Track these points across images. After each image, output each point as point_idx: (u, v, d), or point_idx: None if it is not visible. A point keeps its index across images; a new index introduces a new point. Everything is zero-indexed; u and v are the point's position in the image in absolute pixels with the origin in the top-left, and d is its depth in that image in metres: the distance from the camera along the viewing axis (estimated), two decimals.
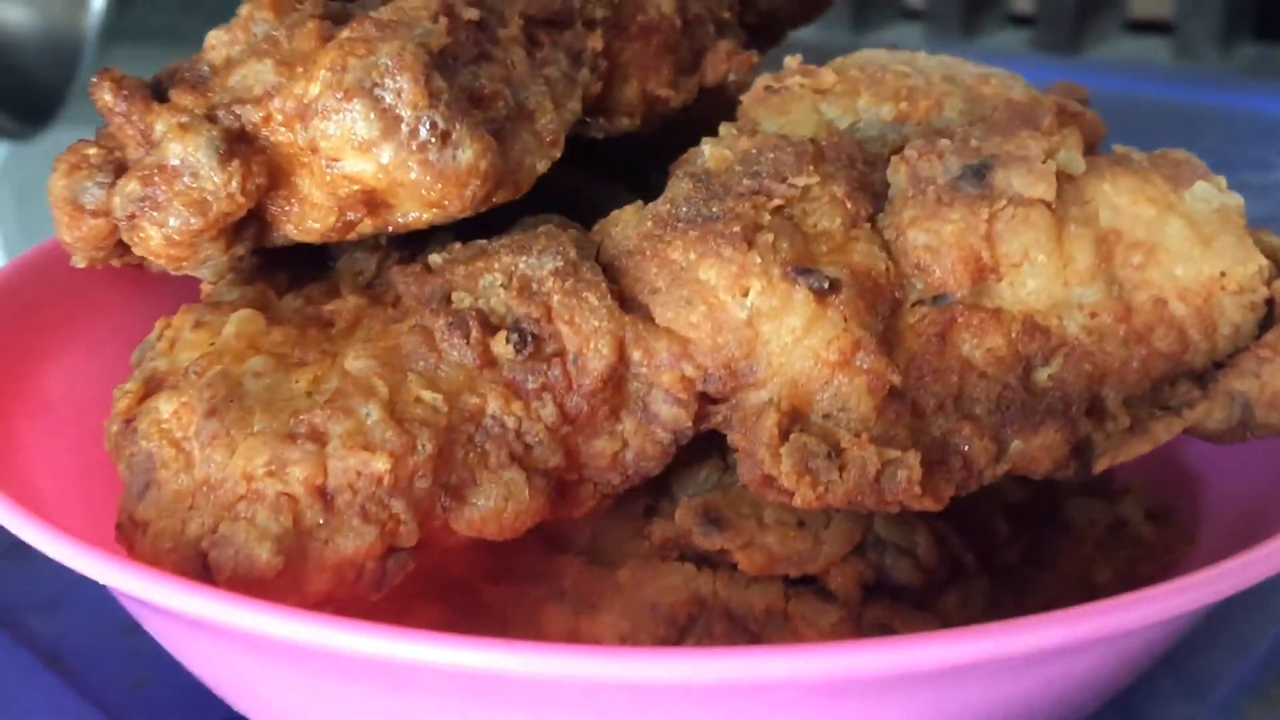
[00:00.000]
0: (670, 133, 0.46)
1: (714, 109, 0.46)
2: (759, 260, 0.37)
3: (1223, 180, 0.41)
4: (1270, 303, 0.40)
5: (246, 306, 0.41)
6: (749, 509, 0.40)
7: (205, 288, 0.43)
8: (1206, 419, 0.38)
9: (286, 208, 0.39)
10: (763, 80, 0.46)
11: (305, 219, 0.39)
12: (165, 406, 0.36)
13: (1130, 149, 0.42)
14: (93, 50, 1.92)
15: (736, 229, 0.38)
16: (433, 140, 0.36)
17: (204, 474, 0.35)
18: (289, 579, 0.34)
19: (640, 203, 0.41)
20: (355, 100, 0.36)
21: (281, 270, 0.43)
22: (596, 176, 0.53)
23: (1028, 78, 0.45)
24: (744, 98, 0.46)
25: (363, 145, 0.36)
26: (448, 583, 0.41)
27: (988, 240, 0.38)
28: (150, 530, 0.35)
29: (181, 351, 0.39)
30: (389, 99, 0.36)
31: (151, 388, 0.38)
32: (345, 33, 0.37)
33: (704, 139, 0.43)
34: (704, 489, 0.41)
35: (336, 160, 0.37)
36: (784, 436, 0.36)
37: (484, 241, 0.41)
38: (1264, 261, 0.39)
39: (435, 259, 0.40)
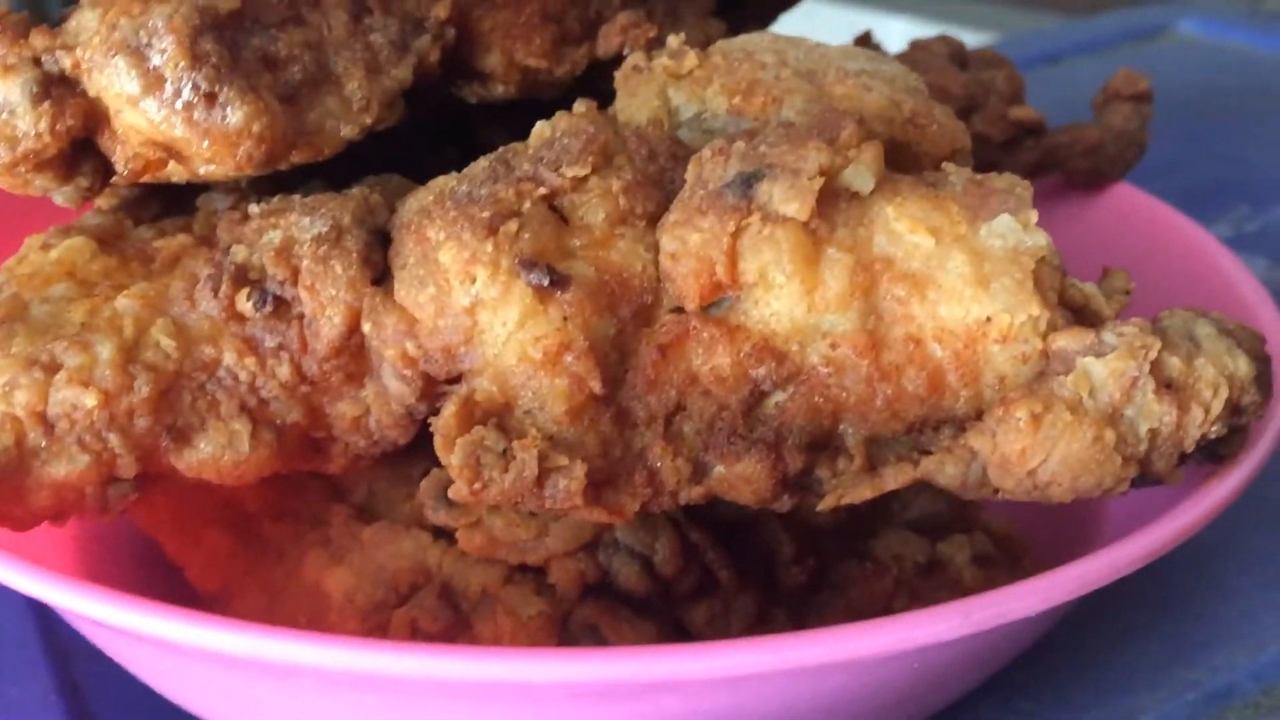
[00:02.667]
0: None
1: None
2: (490, 249, 0.37)
3: (1032, 215, 0.37)
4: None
5: (97, 234, 0.44)
6: None
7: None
8: (938, 471, 0.36)
9: (111, 146, 0.42)
10: (633, 58, 0.45)
11: (124, 158, 0.41)
12: None
13: (956, 169, 0.39)
14: None
15: (486, 215, 0.38)
16: (197, 101, 0.38)
17: None
18: (10, 491, 0.37)
19: (452, 174, 0.42)
20: (119, 57, 0.38)
21: (154, 201, 0.46)
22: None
23: (1270, 43, 0.41)
24: (616, 73, 0.45)
25: (131, 100, 0.38)
26: (237, 514, 0.44)
27: (728, 254, 0.36)
28: None
29: (19, 268, 0.43)
30: (156, 59, 0.38)
31: None
32: None
33: (556, 113, 0.43)
34: None
35: (120, 111, 0.39)
36: (466, 427, 0.36)
37: (296, 197, 0.42)
38: (1039, 311, 0.35)
39: (253, 208, 0.42)
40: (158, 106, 0.38)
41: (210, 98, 0.38)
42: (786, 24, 0.62)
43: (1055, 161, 0.60)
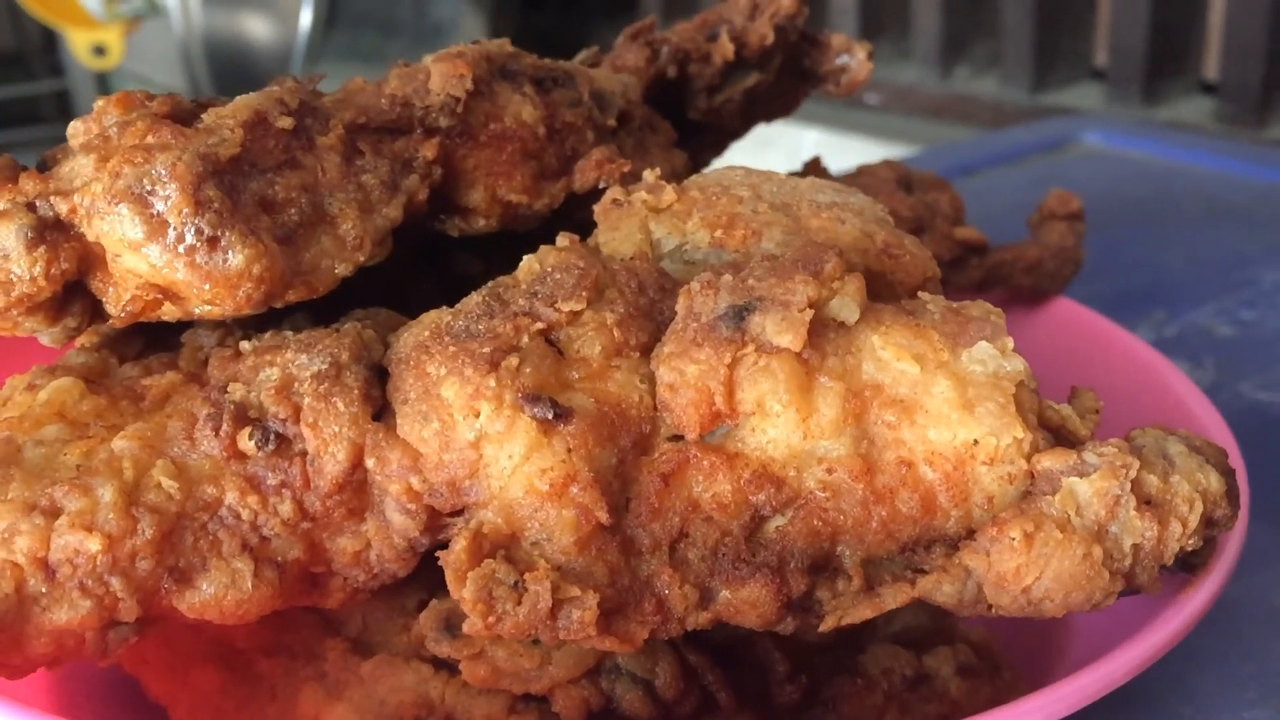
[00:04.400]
0: None
1: None
2: (493, 384, 0.38)
3: (1009, 342, 0.39)
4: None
5: (83, 373, 0.44)
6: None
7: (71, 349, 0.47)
8: (935, 591, 0.37)
9: (103, 288, 0.42)
10: (612, 192, 0.47)
11: (118, 300, 0.42)
12: None
13: (933, 298, 0.41)
14: (299, 64, 2.06)
15: (486, 350, 0.39)
16: (199, 245, 0.39)
17: None
18: (7, 639, 0.37)
19: (445, 309, 0.43)
20: (123, 204, 0.39)
21: (138, 338, 0.47)
22: (501, 264, 0.55)
23: (1169, 153, 0.43)
24: (595, 207, 0.47)
25: (133, 245, 0.39)
26: (228, 650, 0.44)
27: (726, 385, 0.38)
28: None
29: (5, 411, 0.43)
30: (159, 205, 0.39)
31: None
32: (149, 137, 0.40)
33: (541, 248, 0.44)
34: None
35: (119, 256, 0.40)
36: (477, 560, 0.37)
37: (289, 333, 0.43)
38: (1023, 434, 0.37)
39: (245, 345, 0.43)
40: (160, 251, 0.39)
41: (212, 242, 0.39)
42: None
43: (998, 278, 0.63)
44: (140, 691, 0.47)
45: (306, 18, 1.94)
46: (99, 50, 2.46)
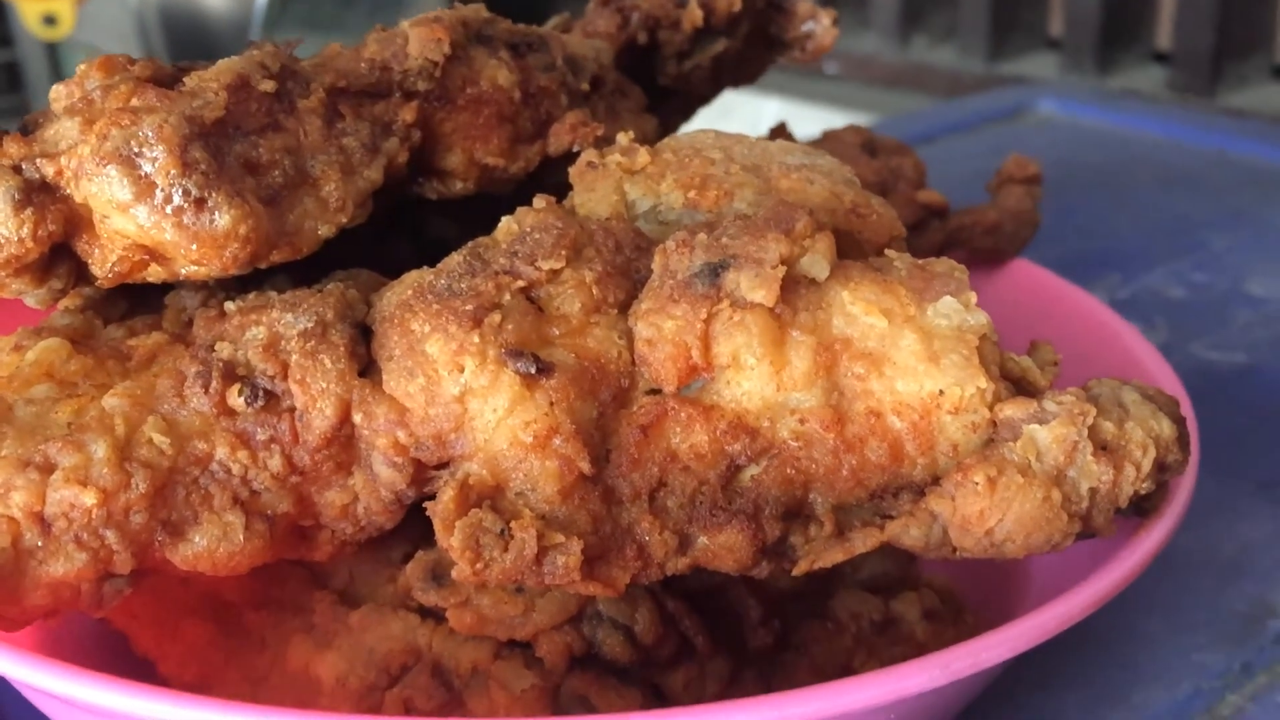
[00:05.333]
0: None
1: None
2: (477, 340, 0.40)
3: (972, 296, 0.41)
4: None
5: (68, 335, 0.45)
6: None
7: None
8: (903, 534, 0.39)
9: (89, 250, 0.43)
10: (587, 154, 0.48)
11: (104, 261, 0.43)
12: None
13: (899, 255, 0.42)
14: (257, 34, 2.04)
15: (469, 307, 0.40)
16: (186, 206, 0.40)
17: None
18: (6, 592, 0.38)
19: (426, 269, 0.44)
20: (111, 166, 0.39)
21: (122, 300, 0.48)
22: (475, 227, 0.56)
23: (1121, 120, 0.45)
24: (570, 169, 0.48)
25: (121, 206, 0.40)
26: (218, 604, 0.45)
27: (702, 340, 0.39)
28: None
29: None
30: (146, 167, 0.40)
31: None
32: (134, 100, 0.41)
33: (518, 210, 0.45)
34: None
35: (106, 217, 0.41)
36: (464, 509, 0.38)
37: (273, 294, 0.44)
38: (986, 384, 0.39)
39: (230, 305, 0.44)
40: (148, 212, 0.40)
41: (199, 203, 0.40)
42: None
43: (959, 240, 0.64)
44: (127, 646, 0.48)
45: None
46: (49, 20, 2.43)
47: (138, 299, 0.48)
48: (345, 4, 2.04)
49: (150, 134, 0.40)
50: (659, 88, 0.60)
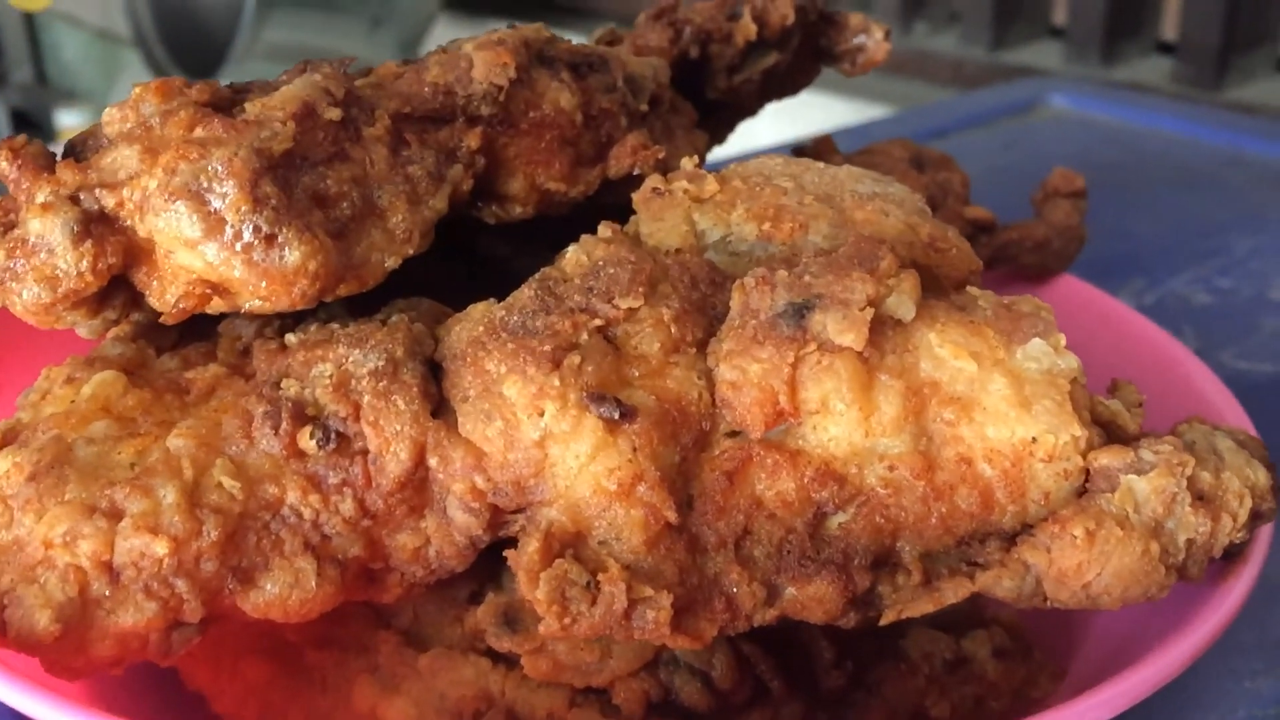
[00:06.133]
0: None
1: None
2: (558, 383, 0.38)
3: (1061, 339, 0.40)
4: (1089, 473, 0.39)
5: (121, 365, 0.44)
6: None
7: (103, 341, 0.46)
8: (995, 585, 0.38)
9: (147, 282, 0.41)
10: (652, 180, 0.46)
11: (164, 293, 0.41)
12: (2, 463, 0.39)
13: (982, 293, 0.42)
14: (252, 11, 2.01)
15: (547, 348, 0.39)
16: (257, 242, 0.38)
17: (15, 535, 0.38)
18: (70, 644, 0.37)
19: (492, 301, 0.43)
20: (180, 202, 0.38)
21: (172, 328, 0.46)
22: (527, 245, 0.54)
23: (1134, 116, 0.44)
24: (635, 195, 0.47)
25: (189, 243, 0.38)
26: (277, 643, 0.44)
27: (789, 384, 0.38)
28: None
29: (47, 406, 0.42)
30: (216, 202, 0.38)
31: (8, 439, 0.41)
32: (198, 129, 0.40)
33: (581, 238, 0.44)
34: None
35: (172, 252, 0.39)
36: (549, 560, 0.37)
37: (335, 326, 0.43)
38: (1080, 431, 0.38)
39: (291, 338, 0.43)
40: (217, 249, 0.38)
41: (270, 239, 0.39)
42: None
43: (1006, 256, 0.63)
44: (177, 681, 0.47)
45: None
46: None
47: (188, 327, 0.46)
48: None
49: (220, 169, 0.38)
50: (705, 101, 0.59)
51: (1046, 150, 1.23)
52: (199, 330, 0.46)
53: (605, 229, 0.44)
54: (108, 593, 0.37)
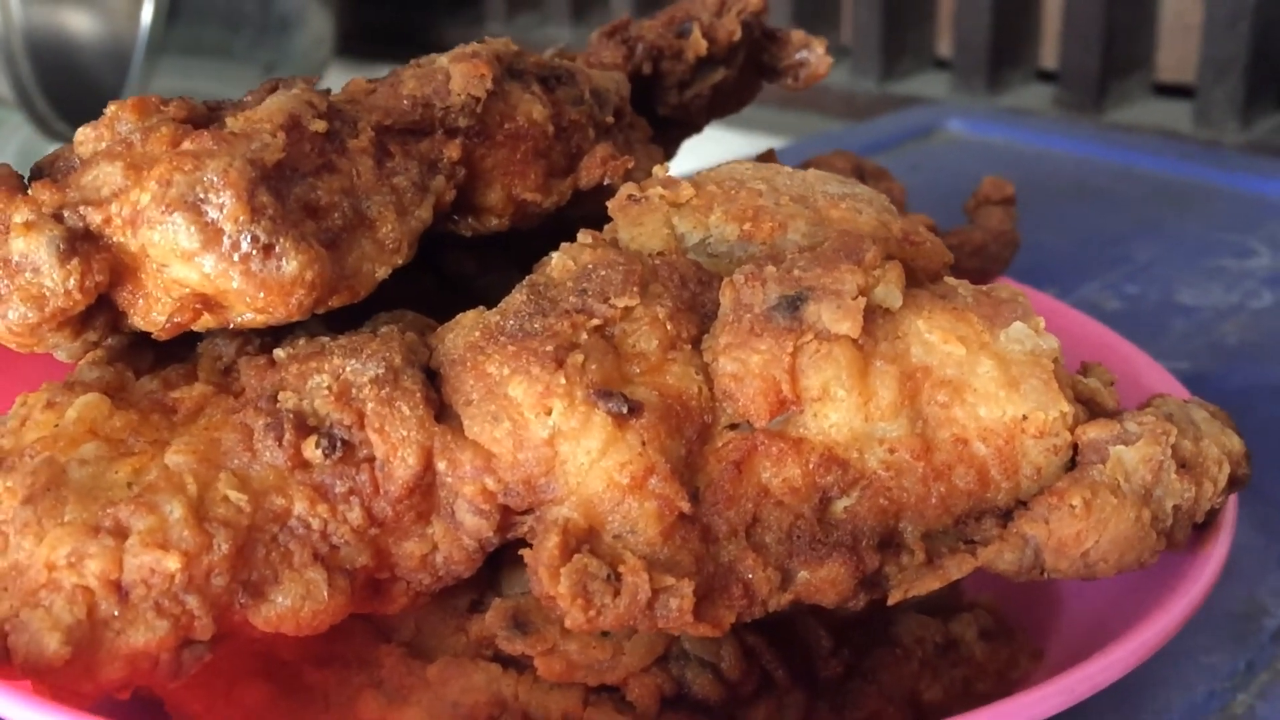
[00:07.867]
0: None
1: None
2: (564, 381, 0.39)
3: (1040, 321, 0.41)
4: (1076, 447, 0.40)
5: (101, 388, 0.43)
6: (557, 615, 0.41)
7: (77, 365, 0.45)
8: (997, 559, 0.39)
9: (132, 300, 0.41)
10: (627, 187, 0.47)
11: (150, 311, 0.41)
12: None
13: (959, 283, 0.43)
14: (140, 60, 1.98)
15: (549, 348, 0.39)
16: (254, 252, 0.38)
17: (14, 559, 0.37)
18: (79, 667, 0.36)
19: (482, 309, 0.43)
20: (177, 214, 0.38)
21: (148, 350, 0.45)
22: (494, 262, 0.55)
23: (1028, 138, 0.46)
24: (610, 203, 0.47)
25: (186, 255, 0.38)
26: (274, 663, 0.43)
27: (790, 373, 0.39)
28: None
29: (28, 432, 0.41)
30: (212, 213, 0.38)
31: None
32: (186, 143, 0.39)
33: (561, 245, 0.45)
34: (527, 589, 0.43)
35: (165, 266, 0.39)
36: (568, 556, 0.37)
37: (325, 339, 0.42)
38: (1068, 407, 0.40)
39: (280, 353, 0.42)
40: (214, 260, 0.38)
41: (267, 249, 0.38)
42: None
43: None
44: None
45: (148, 12, 1.87)
46: None
47: (163, 349, 0.46)
48: (231, 30, 1.98)
49: (216, 179, 0.38)
50: (658, 118, 0.60)
51: (950, 171, 1.27)
52: (175, 353, 0.46)
53: (585, 236, 0.45)
54: (116, 613, 0.36)
